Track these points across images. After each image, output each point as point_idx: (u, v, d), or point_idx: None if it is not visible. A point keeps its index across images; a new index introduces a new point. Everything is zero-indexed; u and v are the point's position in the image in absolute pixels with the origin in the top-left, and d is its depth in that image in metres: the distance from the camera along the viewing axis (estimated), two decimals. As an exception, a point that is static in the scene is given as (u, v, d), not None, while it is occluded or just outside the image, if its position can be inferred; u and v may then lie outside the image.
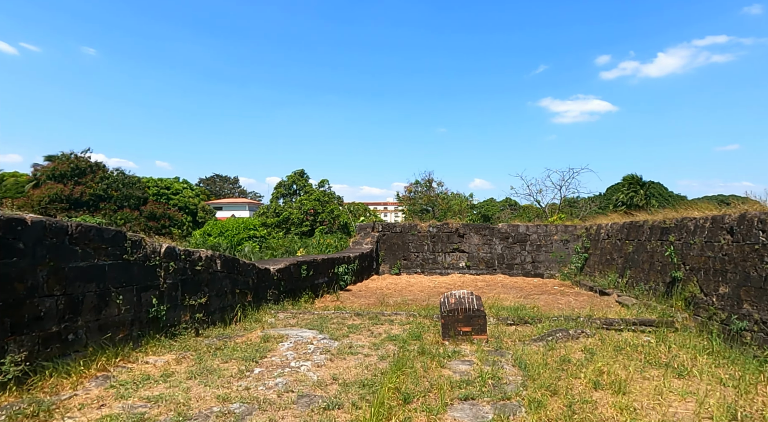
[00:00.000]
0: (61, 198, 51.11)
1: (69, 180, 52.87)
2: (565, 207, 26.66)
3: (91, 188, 53.17)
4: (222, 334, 7.04)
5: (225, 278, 7.70)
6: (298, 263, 10.29)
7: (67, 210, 50.74)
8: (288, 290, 9.89)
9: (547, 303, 10.86)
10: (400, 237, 16.47)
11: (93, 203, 52.53)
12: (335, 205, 34.81)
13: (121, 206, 53.90)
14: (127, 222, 51.96)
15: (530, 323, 8.32)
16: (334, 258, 12.39)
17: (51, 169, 54.17)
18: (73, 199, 51.59)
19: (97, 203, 52.79)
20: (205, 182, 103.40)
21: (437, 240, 16.40)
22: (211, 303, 7.30)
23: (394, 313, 8.88)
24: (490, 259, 16.25)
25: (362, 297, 11.87)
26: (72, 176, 53.39)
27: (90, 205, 52.17)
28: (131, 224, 52.60)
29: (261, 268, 8.84)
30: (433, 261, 16.36)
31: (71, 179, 53.08)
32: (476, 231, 16.40)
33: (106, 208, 52.52)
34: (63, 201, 51.06)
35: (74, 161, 54.85)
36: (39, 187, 52.69)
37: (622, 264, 11.70)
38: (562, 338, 7.32)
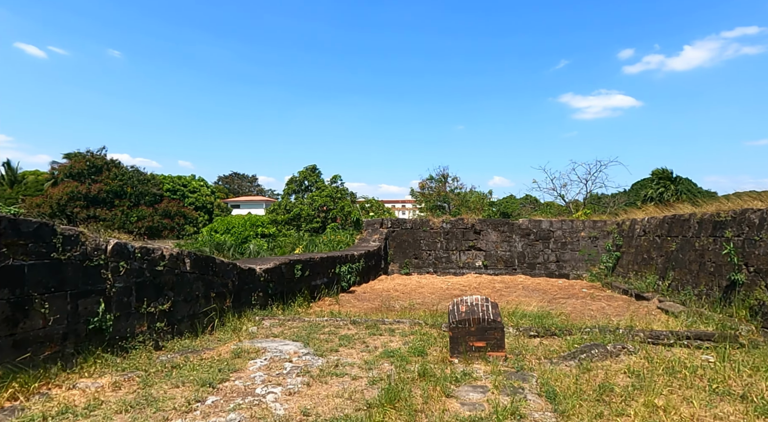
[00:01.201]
0: (79, 195, 51.31)
1: (86, 178, 53.09)
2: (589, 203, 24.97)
3: (108, 185, 53.28)
4: (187, 347, 5.93)
5: (196, 280, 6.59)
6: (290, 262, 9.15)
7: (85, 207, 50.99)
8: (278, 293, 8.76)
9: (576, 308, 9.48)
10: (410, 234, 15.22)
11: (109, 200, 52.66)
12: (347, 201, 33.69)
13: (137, 203, 53.93)
14: (141, 219, 51.97)
15: (557, 335, 6.99)
16: (335, 257, 11.22)
17: (68, 167, 54.48)
18: (90, 196, 51.75)
19: (113, 200, 52.90)
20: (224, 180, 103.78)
21: (451, 237, 15.09)
22: (177, 310, 6.19)
23: (396, 321, 7.65)
24: (510, 258, 14.87)
25: (365, 301, 10.68)
26: (89, 174, 53.60)
27: (106, 201, 52.31)
28: (145, 221, 52.61)
29: (243, 268, 7.72)
30: (446, 260, 15.06)
31: (88, 177, 53.30)
32: (494, 227, 15.04)
33: (122, 205, 52.61)
34: (80, 198, 51.27)
35: (90, 159, 55.07)
36: (57, 185, 53.03)
37: (662, 264, 10.22)
38: (599, 355, 5.99)
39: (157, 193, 57.62)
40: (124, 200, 53.37)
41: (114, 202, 53.09)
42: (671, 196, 41.23)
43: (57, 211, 49.20)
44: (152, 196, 56.47)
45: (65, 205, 49.86)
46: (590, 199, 25.57)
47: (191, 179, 69.23)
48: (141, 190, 55.80)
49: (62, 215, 49.18)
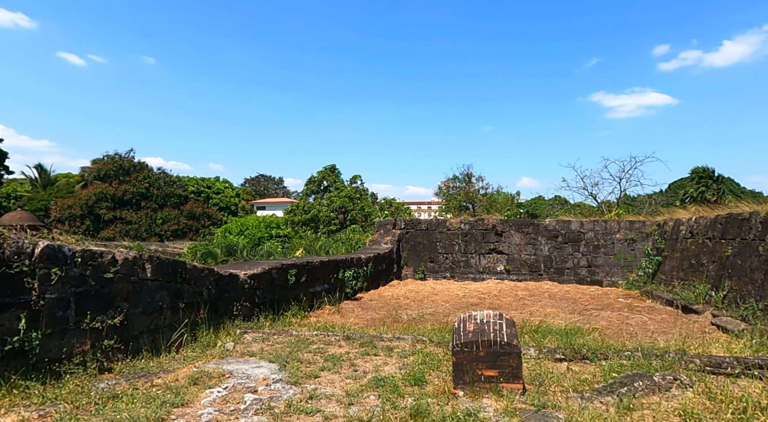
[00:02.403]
0: (106, 197, 52.16)
1: (114, 179, 54.01)
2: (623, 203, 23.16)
3: (134, 187, 54.03)
4: (141, 370, 5.00)
5: (160, 289, 5.67)
6: (283, 267, 8.18)
7: (112, 208, 51.83)
8: (268, 301, 7.79)
9: (612, 323, 8.15)
10: (426, 235, 14.07)
11: (136, 202, 53.37)
12: (367, 201, 32.72)
13: (163, 205, 54.50)
14: (166, 221, 52.45)
15: (590, 359, 5.75)
16: (338, 261, 10.20)
17: (97, 170, 55.58)
18: (118, 197, 52.57)
19: (140, 202, 53.57)
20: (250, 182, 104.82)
21: (470, 239, 13.87)
22: (132, 324, 5.28)
23: (396, 337, 6.55)
24: (535, 262, 13.53)
25: (370, 310, 9.62)
26: (116, 176, 54.51)
27: (133, 203, 53.03)
28: (171, 223, 53.06)
29: (222, 274, 6.77)
30: (465, 264, 13.84)
31: (116, 179, 54.21)
32: (517, 228, 13.72)
33: (148, 207, 53.24)
34: (108, 200, 52.10)
35: (118, 161, 56.02)
36: (87, 187, 54.12)
37: (715, 271, 8.77)
38: (644, 389, 4.74)
39: (182, 195, 58.12)
40: (150, 202, 53.98)
41: (140, 203, 53.75)
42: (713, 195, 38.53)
43: (86, 212, 50.19)
44: (177, 198, 56.97)
45: (93, 206, 50.75)
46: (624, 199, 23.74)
47: (215, 181, 69.79)
48: (166, 192, 56.36)
49: (90, 216, 50.15)
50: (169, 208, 54.92)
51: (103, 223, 51.22)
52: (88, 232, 49.99)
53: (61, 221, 50.39)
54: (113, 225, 51.25)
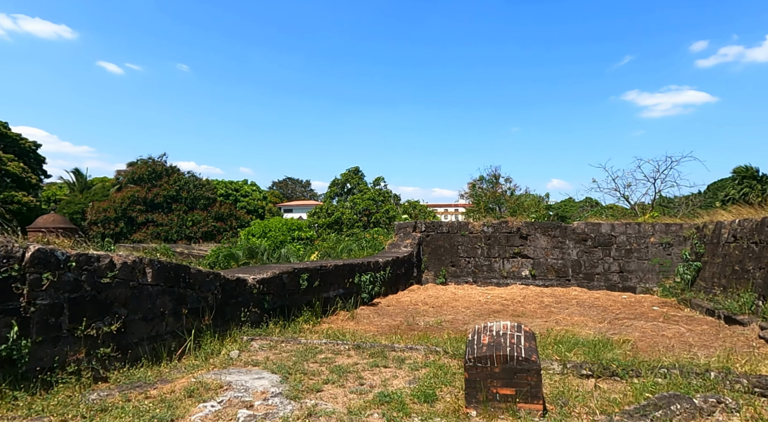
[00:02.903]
0: (139, 200, 53.61)
1: (146, 183, 55.52)
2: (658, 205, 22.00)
3: (165, 190, 55.38)
4: (137, 380, 4.79)
5: (162, 294, 5.48)
6: (294, 271, 7.92)
7: (144, 211, 53.26)
8: (278, 307, 7.54)
9: (646, 334, 7.52)
10: (447, 238, 13.61)
11: (167, 204, 54.69)
12: (391, 204, 32.39)
13: (192, 207, 55.69)
14: (195, 223, 53.53)
15: (620, 376, 5.22)
16: (354, 265, 9.89)
17: (131, 173, 57.30)
18: (149, 200, 53.98)
19: (170, 204, 54.86)
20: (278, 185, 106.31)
21: (493, 242, 13.32)
22: (131, 331, 5.09)
23: (409, 348, 6.17)
24: (562, 267, 12.87)
25: (387, 316, 9.25)
26: (149, 179, 56.03)
27: (164, 206, 54.36)
28: (200, 225, 54.10)
29: (229, 279, 6.55)
30: (488, 269, 13.30)
31: (148, 182, 55.71)
32: (543, 231, 13.09)
33: (178, 209, 54.47)
34: (140, 202, 53.55)
35: (151, 165, 57.61)
36: (121, 190, 55.85)
37: (762, 278, 8.01)
38: (683, 413, 4.21)
39: (210, 198, 59.28)
40: (180, 205, 55.21)
41: (171, 206, 55.05)
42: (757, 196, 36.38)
43: (120, 215, 51.79)
44: (206, 201, 58.12)
45: (126, 209, 52.27)
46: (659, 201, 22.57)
47: (243, 184, 70.91)
48: (195, 195, 57.58)
49: (124, 218, 51.71)
50: (198, 211, 56.06)
51: (136, 226, 52.68)
52: (122, 234, 51.50)
53: (96, 224, 52.10)
54: (146, 228, 52.60)
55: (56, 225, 24.01)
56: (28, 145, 39.91)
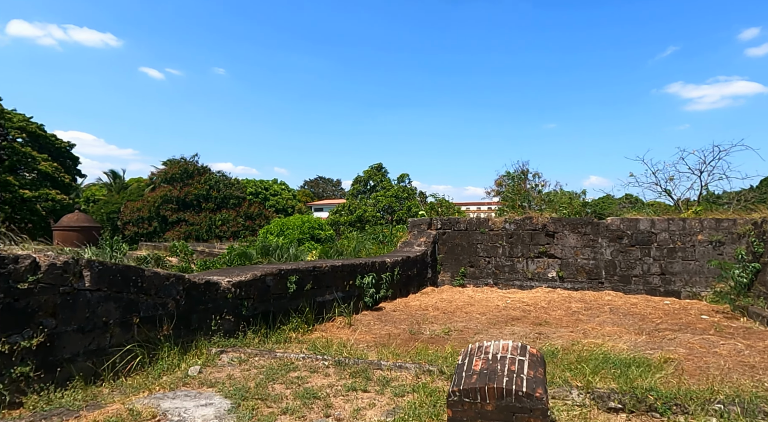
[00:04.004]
0: (171, 199, 54.63)
1: (178, 182, 56.58)
2: (704, 201, 19.94)
3: (196, 189, 56.26)
4: (58, 406, 4.03)
5: (104, 300, 4.72)
6: (281, 272, 7.07)
7: (176, 210, 54.23)
8: (260, 313, 6.71)
9: (694, 351, 6.24)
10: (465, 236, 12.49)
11: (197, 203, 55.55)
12: (415, 201, 31.31)
13: (222, 206, 56.36)
14: (224, 222, 54.11)
15: (660, 412, 4.06)
16: (356, 265, 8.97)
17: (164, 173, 58.55)
18: (181, 199, 54.95)
19: (201, 203, 55.69)
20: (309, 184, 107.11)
21: (516, 240, 12.10)
22: (62, 346, 4.35)
23: (398, 366, 5.19)
24: (594, 268, 11.52)
25: (390, 323, 8.28)
26: (181, 179, 57.09)
27: (194, 205, 55.23)
28: (229, 224, 54.65)
29: (197, 282, 5.75)
30: (510, 270, 12.09)
31: (180, 182, 56.76)
32: (572, 228, 11.76)
33: (208, 208, 55.21)
34: (172, 202, 54.55)
35: (183, 165, 58.69)
36: (155, 190, 57.16)
37: (842, 285, 6.54)
38: (747, 477, 3.05)
39: (240, 197, 59.88)
40: (210, 204, 55.95)
41: (202, 205, 55.86)
42: (820, 190, 33.09)
43: (153, 214, 52.93)
44: (236, 199, 58.71)
45: (159, 208, 53.34)
46: (705, 196, 20.49)
47: (273, 183, 71.38)
48: (225, 194, 58.24)
49: (158, 217, 52.84)
50: (227, 210, 56.67)
51: (169, 225, 53.71)
52: (156, 234, 52.61)
53: (130, 223, 53.42)
54: (178, 227, 53.53)
55: (80, 223, 24.34)
56: (63, 145, 41.12)
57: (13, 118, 35.07)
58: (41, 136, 38.04)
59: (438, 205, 28.67)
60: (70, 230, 23.05)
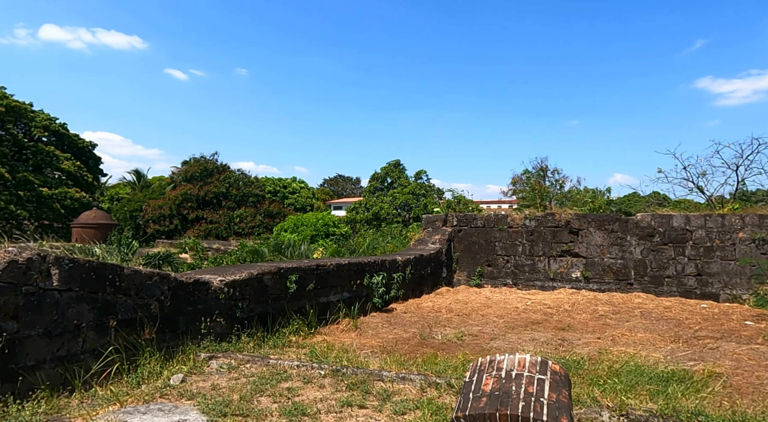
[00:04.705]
0: (190, 197, 55.16)
1: (198, 181, 57.11)
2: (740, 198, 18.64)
3: (216, 187, 56.69)
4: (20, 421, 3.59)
5: (76, 301, 4.28)
6: (280, 271, 6.57)
7: (195, 208, 54.75)
8: (257, 315, 6.23)
9: (742, 363, 5.48)
10: (482, 233, 11.81)
11: (216, 201, 55.97)
12: (432, 198, 30.62)
13: (241, 204, 56.66)
14: (243, 219, 54.34)
15: (710, 443, 3.39)
16: (364, 264, 8.42)
17: (184, 171, 59.20)
18: (201, 198, 55.43)
19: (220, 201, 56.09)
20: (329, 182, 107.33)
21: (537, 238, 11.36)
22: (24, 352, 3.92)
23: (401, 377, 4.62)
24: (622, 268, 10.71)
25: (399, 325, 7.71)
26: (201, 177, 57.63)
27: (214, 203, 55.66)
28: (248, 220, 54.87)
29: (184, 281, 5.29)
30: (530, 269, 11.37)
31: (200, 180, 57.30)
32: (598, 224, 10.97)
33: (227, 206, 55.56)
34: (192, 200, 55.07)
35: (203, 163, 59.24)
36: (176, 188, 57.86)
37: None
38: None
39: (259, 195, 60.12)
40: (229, 201, 56.28)
41: (221, 203, 56.24)
42: None
43: (174, 212, 53.54)
44: (255, 197, 58.97)
45: (179, 206, 53.91)
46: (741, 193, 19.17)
47: (292, 181, 71.55)
48: (245, 192, 58.54)
49: (179, 216, 53.44)
50: (246, 208, 56.93)
51: (189, 223, 54.22)
52: (176, 231, 53.17)
53: (153, 221, 54.14)
54: (197, 225, 54.00)
55: (97, 220, 24.52)
56: (85, 145, 41.78)
57: (36, 117, 35.74)
58: (64, 135, 38.71)
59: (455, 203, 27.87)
60: (88, 227, 23.21)
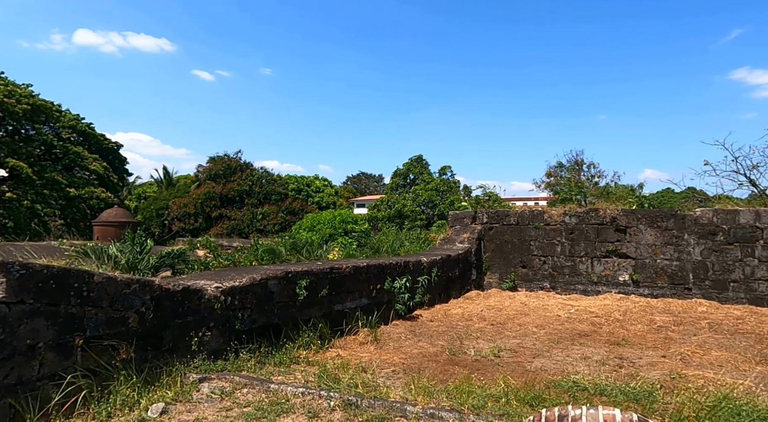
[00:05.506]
0: (214, 195, 55.43)
1: (221, 179, 57.37)
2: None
3: (239, 185, 56.82)
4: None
5: (31, 316, 3.51)
6: (288, 275, 5.71)
7: (218, 206, 54.99)
8: (259, 327, 5.39)
9: None
10: (516, 231, 10.71)
11: (239, 199, 56.08)
12: (458, 195, 29.45)
13: (264, 202, 56.62)
14: (265, 216, 54.22)
15: None
16: (385, 266, 7.49)
17: (208, 170, 59.63)
18: (224, 196, 55.64)
19: (243, 199, 56.18)
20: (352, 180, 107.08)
21: (578, 236, 10.20)
22: (-41, 380, 3.14)
23: (429, 413, 3.67)
24: (679, 271, 9.45)
25: (424, 337, 6.75)
26: (224, 175, 57.88)
27: (236, 201, 55.79)
28: (270, 218, 54.73)
29: (170, 289, 4.47)
30: (570, 272, 10.22)
31: (223, 178, 57.55)
32: (650, 221, 9.73)
33: (250, 204, 55.59)
34: (215, 198, 55.34)
35: (227, 162, 59.51)
36: (200, 186, 58.28)
37: None
38: None
39: (282, 192, 60.02)
40: (252, 199, 56.31)
41: (244, 201, 56.33)
42: None
43: (199, 210, 53.87)
44: (278, 195, 58.87)
45: (203, 204, 54.23)
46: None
47: (314, 179, 71.37)
48: (267, 190, 58.50)
49: (203, 214, 53.73)
50: (269, 205, 56.85)
51: (212, 221, 54.47)
52: (201, 229, 53.49)
53: (178, 219, 54.62)
54: (220, 222, 54.20)
55: (118, 218, 24.37)
56: (111, 145, 42.19)
57: (63, 117, 36.17)
58: (90, 135, 39.12)
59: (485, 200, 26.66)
60: (109, 225, 23.06)
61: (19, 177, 29.56)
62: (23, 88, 31.89)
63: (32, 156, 31.74)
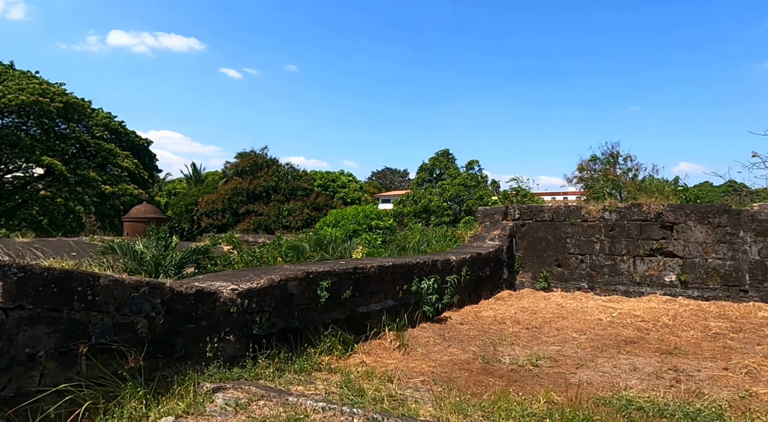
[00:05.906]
0: (241, 191, 56.09)
1: (248, 175, 57.99)
2: None
3: (265, 181, 57.31)
4: None
5: (29, 323, 3.24)
6: (309, 276, 5.35)
7: (245, 202, 55.62)
8: (279, 332, 5.05)
9: None
10: (550, 228, 10.09)
11: (266, 195, 56.57)
12: (486, 190, 28.70)
13: (290, 197, 56.94)
14: (291, 212, 54.52)
15: None
16: (412, 265, 7.06)
17: (235, 166, 60.43)
18: (250, 191, 56.23)
19: (270, 195, 56.64)
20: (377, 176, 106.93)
21: (620, 233, 9.51)
22: (-49, 393, 2.89)
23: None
24: (733, 272, 8.67)
25: (454, 342, 6.30)
26: (251, 171, 58.49)
27: (263, 197, 56.29)
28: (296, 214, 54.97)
29: (183, 292, 4.17)
30: (610, 271, 9.54)
31: (250, 174, 58.16)
32: (700, 217, 8.96)
33: (276, 200, 56.00)
34: (242, 194, 55.99)
35: (253, 158, 60.13)
36: (227, 182, 59.12)
37: None
38: None
39: (308, 188, 60.28)
40: (278, 195, 56.71)
41: (270, 196, 56.78)
42: None
43: (226, 206, 54.63)
44: (304, 191, 59.13)
45: (230, 200, 54.95)
46: None
47: (340, 174, 71.43)
48: (293, 186, 58.83)
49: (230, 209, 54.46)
50: (294, 201, 57.13)
51: (240, 216, 55.16)
52: (228, 225, 54.27)
53: (206, 215, 55.54)
54: (247, 218, 54.82)
55: (147, 214, 24.72)
56: (142, 142, 43.05)
57: (96, 115, 37.05)
58: (122, 133, 40.00)
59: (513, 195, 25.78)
60: (138, 221, 23.40)
61: (53, 174, 30.41)
62: (56, 87, 32.76)
63: (66, 153, 32.62)
